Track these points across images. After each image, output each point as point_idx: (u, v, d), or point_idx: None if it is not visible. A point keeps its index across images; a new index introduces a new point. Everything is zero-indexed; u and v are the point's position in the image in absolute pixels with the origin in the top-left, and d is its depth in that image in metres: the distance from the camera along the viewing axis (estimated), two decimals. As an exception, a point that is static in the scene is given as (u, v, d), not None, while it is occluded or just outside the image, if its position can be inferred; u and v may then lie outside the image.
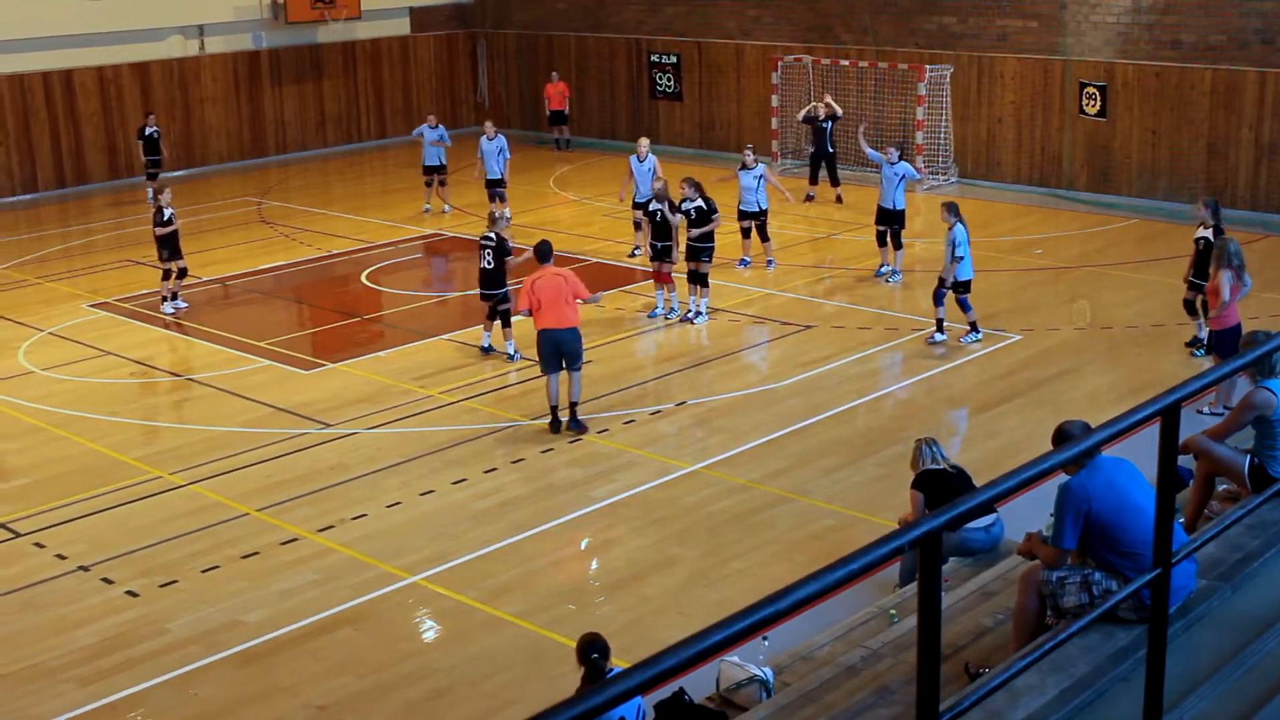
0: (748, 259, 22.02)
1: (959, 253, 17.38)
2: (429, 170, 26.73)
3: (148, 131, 28.60)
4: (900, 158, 21.01)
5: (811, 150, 27.16)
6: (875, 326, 18.88)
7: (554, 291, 14.83)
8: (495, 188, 25.12)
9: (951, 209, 17.69)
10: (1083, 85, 26.35)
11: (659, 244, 19.12)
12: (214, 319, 20.51)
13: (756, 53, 31.07)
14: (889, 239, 21.19)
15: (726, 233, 21.27)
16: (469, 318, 19.72)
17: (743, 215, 21.86)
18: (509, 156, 25.45)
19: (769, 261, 21.87)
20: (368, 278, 22.48)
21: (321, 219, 26.70)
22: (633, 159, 22.08)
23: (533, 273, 15.21)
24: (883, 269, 21.38)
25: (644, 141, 22.51)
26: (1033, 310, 19.40)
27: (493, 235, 17.60)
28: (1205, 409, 14.74)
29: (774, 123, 30.21)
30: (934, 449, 11.13)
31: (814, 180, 26.99)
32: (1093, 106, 26.31)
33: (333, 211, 27.35)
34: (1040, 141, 27.33)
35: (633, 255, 22.82)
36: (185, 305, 20.69)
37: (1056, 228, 24.64)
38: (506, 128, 35.72)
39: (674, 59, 32.75)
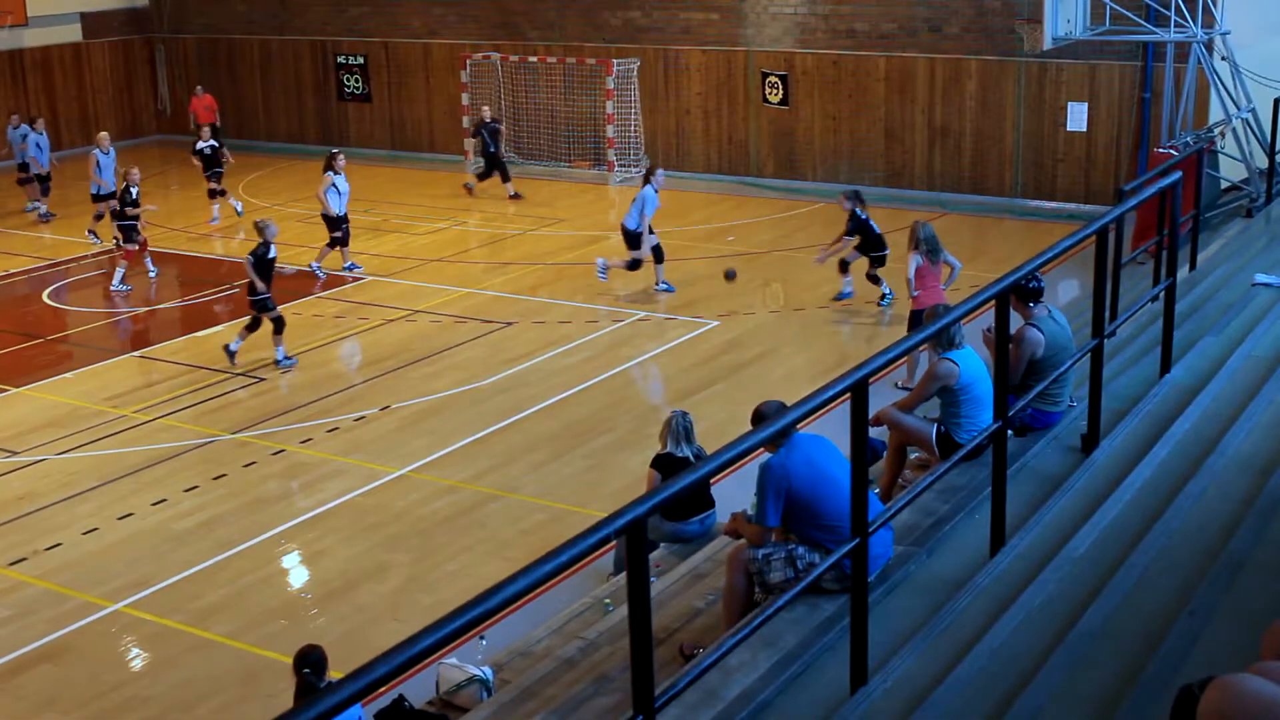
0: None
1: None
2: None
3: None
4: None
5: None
6: (575, 319, 19.02)
7: None
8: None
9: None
10: (765, 75, 27.09)
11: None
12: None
13: (445, 51, 30.89)
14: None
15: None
16: (159, 333, 19.14)
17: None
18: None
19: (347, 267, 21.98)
20: (49, 296, 21.49)
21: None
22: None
23: None
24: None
25: (103, 135, 24.78)
26: (728, 296, 19.79)
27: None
28: (899, 383, 15.32)
29: (465, 121, 30.09)
30: (685, 421, 11.21)
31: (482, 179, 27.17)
32: (775, 95, 27.07)
33: (2, 228, 25.95)
34: (727, 131, 27.98)
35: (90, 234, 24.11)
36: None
37: (747, 214, 25.26)
38: (189, 135, 34.72)
39: (361, 60, 32.28)
